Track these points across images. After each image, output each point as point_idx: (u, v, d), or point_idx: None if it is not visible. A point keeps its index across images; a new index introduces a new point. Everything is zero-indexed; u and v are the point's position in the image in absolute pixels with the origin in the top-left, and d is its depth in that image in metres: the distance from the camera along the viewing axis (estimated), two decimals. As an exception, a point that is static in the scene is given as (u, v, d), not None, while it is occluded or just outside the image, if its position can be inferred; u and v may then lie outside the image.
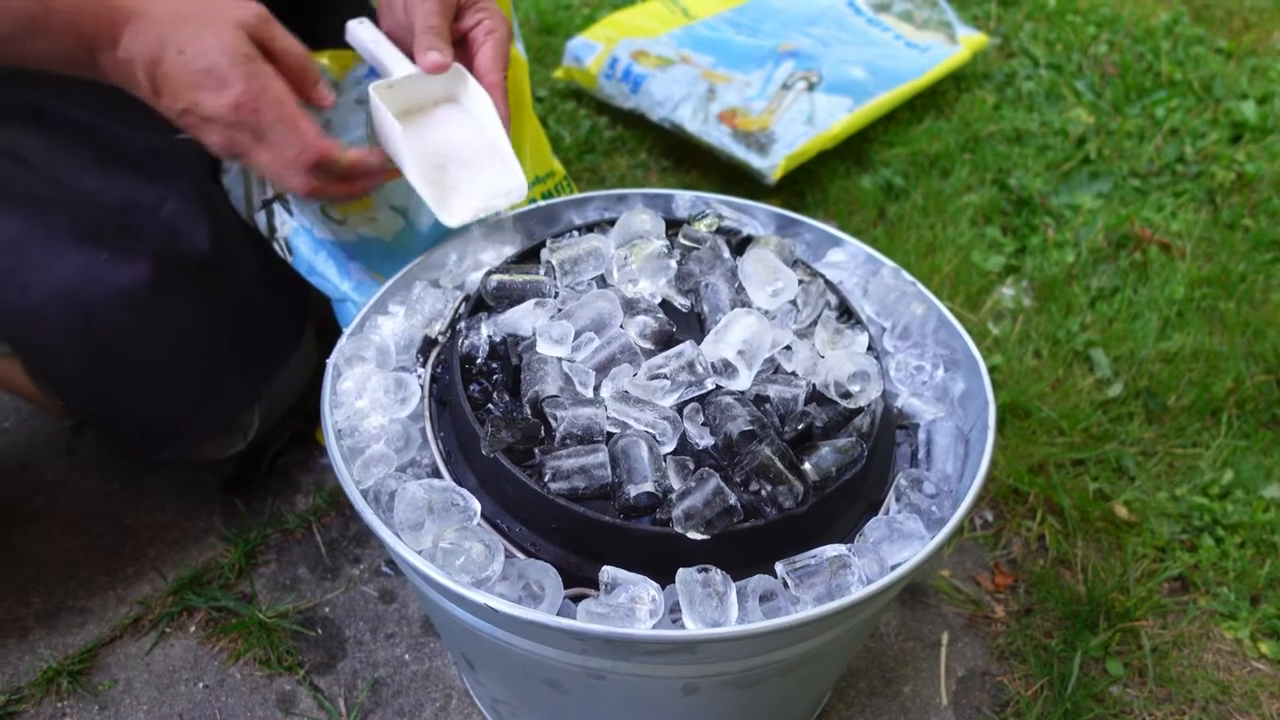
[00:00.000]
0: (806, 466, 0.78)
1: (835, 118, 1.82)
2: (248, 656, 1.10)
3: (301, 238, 1.15)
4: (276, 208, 1.17)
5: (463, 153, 1.00)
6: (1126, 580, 1.19)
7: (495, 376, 0.86)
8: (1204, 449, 1.37)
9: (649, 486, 0.75)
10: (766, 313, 0.88)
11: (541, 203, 1.09)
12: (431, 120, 1.01)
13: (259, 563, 1.19)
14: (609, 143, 1.88)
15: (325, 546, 1.21)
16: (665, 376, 0.81)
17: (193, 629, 1.13)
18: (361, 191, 0.93)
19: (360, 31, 1.04)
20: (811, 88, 1.89)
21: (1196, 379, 1.46)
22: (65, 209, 0.97)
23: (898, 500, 0.83)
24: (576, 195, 1.12)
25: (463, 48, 0.99)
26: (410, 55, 0.98)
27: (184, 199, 1.03)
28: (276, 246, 1.17)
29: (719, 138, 1.77)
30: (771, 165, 1.71)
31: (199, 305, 1.05)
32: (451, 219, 0.96)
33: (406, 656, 1.11)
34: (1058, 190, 1.85)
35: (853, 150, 1.89)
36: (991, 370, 1.45)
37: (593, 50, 1.96)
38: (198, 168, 1.10)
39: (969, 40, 2.10)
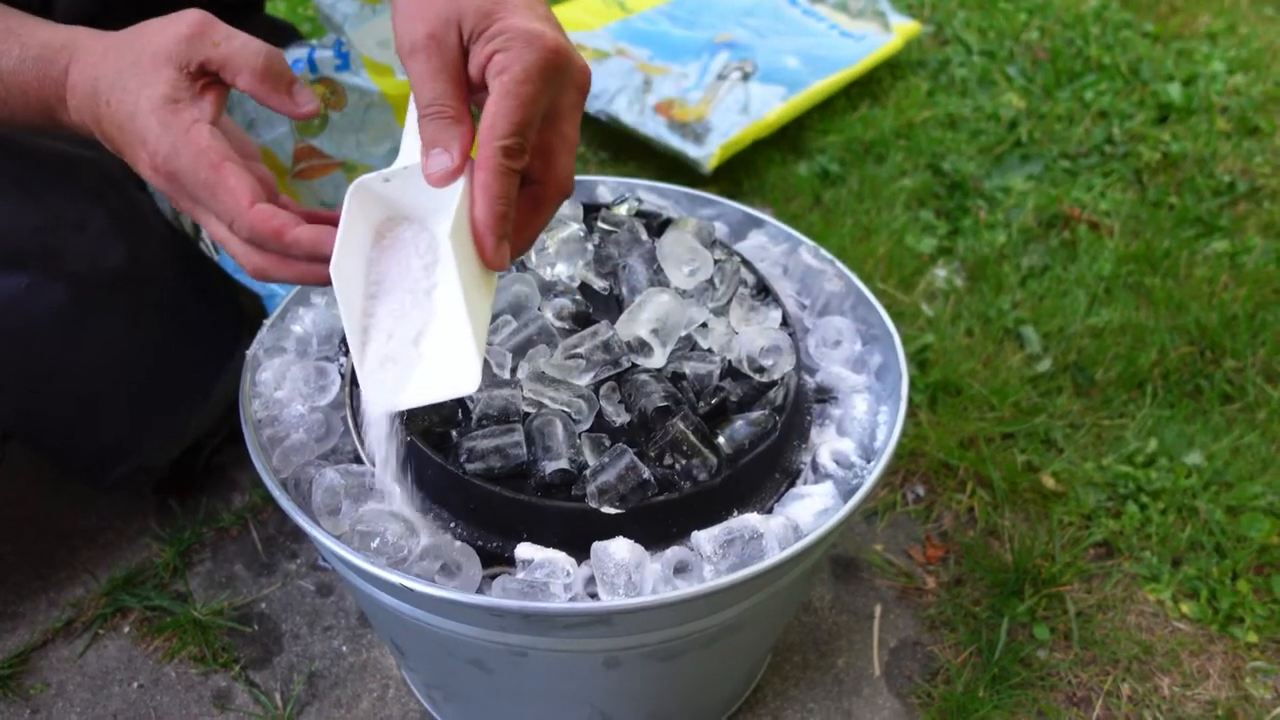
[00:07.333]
0: (720, 440, 0.79)
1: (770, 106, 1.84)
2: (183, 655, 1.10)
3: (227, 234, 1.15)
4: (201, 204, 1.16)
5: (414, 307, 0.66)
6: (1052, 548, 1.22)
7: (414, 362, 0.86)
8: (1130, 419, 1.40)
9: (563, 463, 0.76)
10: (683, 292, 0.90)
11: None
12: (401, 242, 0.68)
13: (194, 561, 1.18)
14: (547, 136, 1.89)
15: (262, 543, 1.21)
16: (581, 356, 0.82)
17: (126, 629, 1.12)
18: (327, 281, 0.64)
19: None
20: (746, 77, 1.91)
21: (1123, 352, 1.49)
22: None
23: (815, 470, 0.85)
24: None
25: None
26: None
27: (109, 214, 0.99)
28: (204, 245, 1.16)
29: (655, 129, 1.78)
30: (707, 154, 1.73)
31: (132, 321, 1.03)
32: (374, 403, 0.66)
33: (344, 648, 1.11)
34: (990, 173, 1.88)
35: (789, 138, 1.91)
36: (924, 349, 1.48)
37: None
38: (124, 179, 1.08)
39: (903, 28, 2.13)
